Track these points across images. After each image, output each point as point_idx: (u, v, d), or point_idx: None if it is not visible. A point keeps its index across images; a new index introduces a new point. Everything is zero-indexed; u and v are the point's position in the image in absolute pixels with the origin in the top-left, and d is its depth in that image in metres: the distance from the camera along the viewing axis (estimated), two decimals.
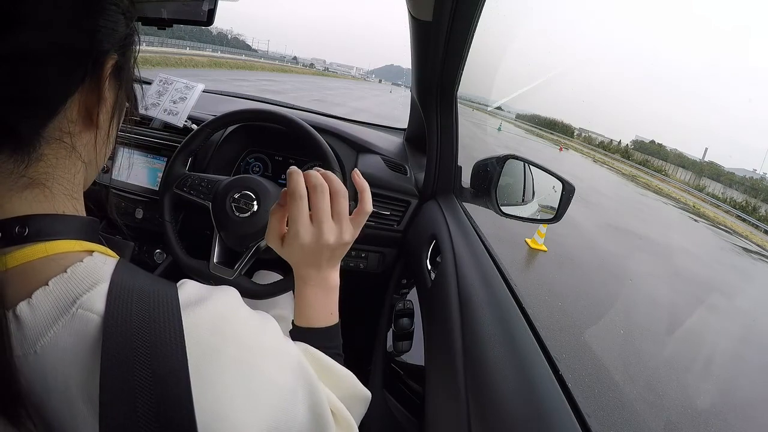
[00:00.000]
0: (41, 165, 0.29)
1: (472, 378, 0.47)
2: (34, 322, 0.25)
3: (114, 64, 0.32)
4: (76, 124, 0.31)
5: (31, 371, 0.25)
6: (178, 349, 0.26)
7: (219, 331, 0.28)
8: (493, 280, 0.60)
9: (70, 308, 0.26)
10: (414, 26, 0.78)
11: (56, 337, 0.25)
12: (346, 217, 0.43)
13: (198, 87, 1.00)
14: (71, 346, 0.25)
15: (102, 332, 0.25)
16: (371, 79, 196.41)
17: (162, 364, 0.25)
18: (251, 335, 0.31)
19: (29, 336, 0.25)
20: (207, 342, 0.27)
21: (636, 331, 3.43)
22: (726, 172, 63.30)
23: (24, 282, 0.26)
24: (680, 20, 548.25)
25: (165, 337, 0.26)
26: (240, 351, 0.29)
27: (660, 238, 8.62)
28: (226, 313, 0.30)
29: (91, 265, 0.28)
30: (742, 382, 3.29)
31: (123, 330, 0.25)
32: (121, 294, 0.27)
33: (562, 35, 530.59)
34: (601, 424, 1.65)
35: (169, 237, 0.80)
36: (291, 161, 1.04)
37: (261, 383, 0.29)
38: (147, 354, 0.25)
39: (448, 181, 0.97)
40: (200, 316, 0.28)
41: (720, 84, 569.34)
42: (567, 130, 79.18)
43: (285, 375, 0.32)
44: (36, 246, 0.28)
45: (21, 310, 0.25)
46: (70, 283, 0.27)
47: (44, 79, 0.28)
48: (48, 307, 0.26)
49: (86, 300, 0.26)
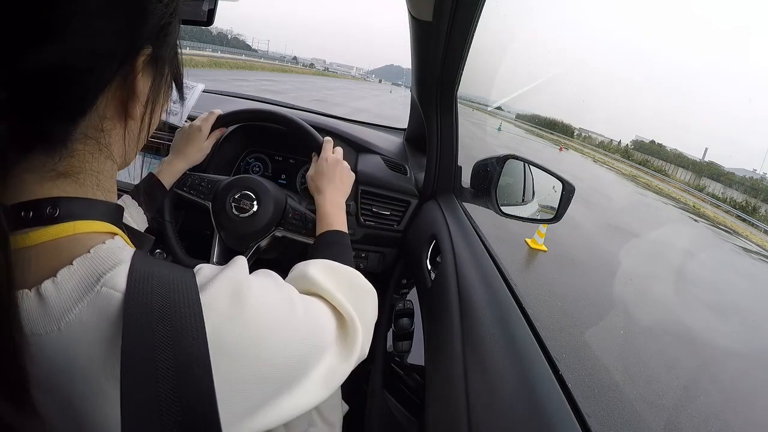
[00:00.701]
0: (73, 160, 0.30)
1: (472, 378, 0.47)
2: (59, 299, 0.26)
3: (149, 55, 0.31)
4: (109, 120, 0.31)
5: (54, 349, 0.25)
6: (199, 338, 0.26)
7: (235, 299, 0.30)
8: (493, 280, 0.60)
9: (94, 286, 0.26)
10: (414, 26, 0.78)
11: (80, 315, 0.26)
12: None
13: (198, 87, 1.00)
14: (94, 323, 0.26)
15: (123, 311, 0.25)
16: (371, 79, 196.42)
17: (184, 352, 0.25)
18: (262, 299, 0.33)
19: (53, 314, 0.25)
20: (224, 312, 0.29)
21: (636, 331, 3.43)
22: (726, 172, 63.31)
23: (49, 260, 0.27)
24: (680, 20, 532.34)
25: (186, 324, 0.26)
26: (258, 311, 0.32)
27: (660, 238, 8.63)
28: (239, 282, 0.32)
29: (113, 246, 0.29)
30: (742, 382, 3.29)
31: (144, 312, 0.26)
32: (141, 277, 0.28)
33: (562, 35, 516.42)
34: (601, 424, 1.65)
35: (169, 237, 0.80)
36: (291, 161, 1.04)
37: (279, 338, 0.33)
38: (169, 340, 0.25)
39: (448, 181, 0.97)
40: (215, 289, 0.30)
41: (720, 84, 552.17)
42: (567, 130, 79.19)
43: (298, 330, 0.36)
44: (65, 224, 0.28)
45: (45, 288, 0.26)
46: (93, 262, 0.27)
47: (77, 85, 0.28)
48: (73, 286, 0.26)
49: (110, 278, 0.27)
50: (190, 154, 0.77)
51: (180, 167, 0.76)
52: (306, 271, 0.46)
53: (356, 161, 1.00)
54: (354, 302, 0.45)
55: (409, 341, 0.79)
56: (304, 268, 0.47)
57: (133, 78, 0.31)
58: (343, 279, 0.49)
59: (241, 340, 0.30)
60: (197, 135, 0.78)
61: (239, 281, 0.31)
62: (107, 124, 0.31)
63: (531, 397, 0.39)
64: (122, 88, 0.31)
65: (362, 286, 0.51)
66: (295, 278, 0.47)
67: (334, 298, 0.43)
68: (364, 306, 0.49)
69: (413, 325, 0.80)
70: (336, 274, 0.49)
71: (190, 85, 1.00)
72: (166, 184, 0.73)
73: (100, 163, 0.32)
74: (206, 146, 0.80)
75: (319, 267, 0.48)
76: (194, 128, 0.79)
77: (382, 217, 0.97)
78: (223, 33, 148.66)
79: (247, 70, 39.29)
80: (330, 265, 0.50)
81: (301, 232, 0.77)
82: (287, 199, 0.78)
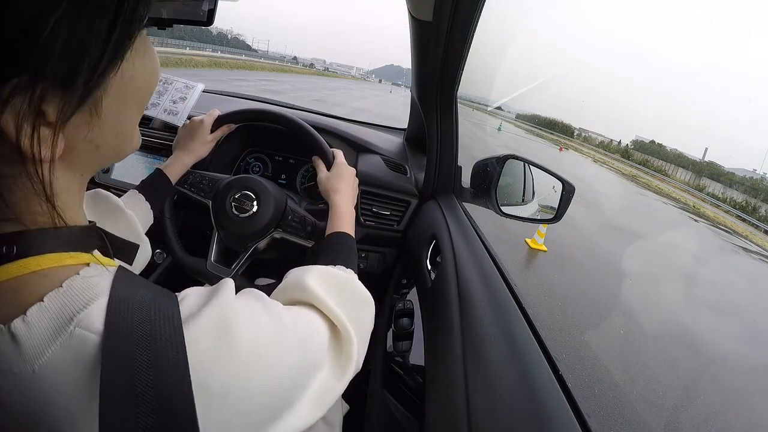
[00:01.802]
0: (8, 209, 0.26)
1: (472, 378, 0.47)
2: (30, 340, 0.24)
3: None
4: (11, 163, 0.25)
5: (29, 388, 0.24)
6: (180, 364, 0.25)
7: (222, 335, 0.29)
8: (493, 280, 0.60)
9: (67, 327, 0.25)
10: (414, 26, 0.78)
11: (54, 357, 0.24)
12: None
13: (198, 87, 1.00)
14: (70, 365, 0.24)
15: (101, 351, 0.24)
16: (371, 79, 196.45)
17: (164, 379, 0.25)
18: (251, 330, 0.31)
19: (26, 355, 0.24)
20: (210, 350, 0.28)
21: (636, 331, 3.43)
22: (726, 172, 63.30)
23: (17, 297, 0.25)
24: (680, 20, 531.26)
25: (167, 352, 0.25)
26: (246, 346, 0.30)
27: (660, 238, 8.62)
28: (225, 315, 0.30)
29: (88, 278, 0.27)
30: (742, 382, 3.29)
31: (123, 346, 0.25)
32: (121, 309, 0.26)
33: (562, 35, 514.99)
34: (601, 424, 1.64)
35: (168, 234, 0.80)
36: (291, 161, 1.04)
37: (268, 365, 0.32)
38: (148, 368, 0.25)
39: (448, 181, 0.97)
40: (200, 325, 0.28)
41: (720, 84, 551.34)
42: (567, 130, 79.19)
43: (291, 346, 0.35)
44: (27, 260, 0.26)
45: (16, 327, 0.24)
46: (65, 299, 0.25)
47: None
48: (44, 325, 0.25)
49: (83, 318, 0.25)
50: (194, 149, 0.78)
51: (187, 161, 0.77)
52: (302, 280, 0.44)
53: (356, 161, 1.00)
54: (350, 313, 0.44)
55: (409, 341, 0.79)
56: (301, 276, 0.45)
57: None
58: (341, 288, 0.48)
59: (228, 380, 0.28)
60: (200, 129, 0.79)
61: (226, 314, 0.29)
62: (13, 170, 0.25)
63: (531, 397, 0.39)
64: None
65: (360, 295, 0.50)
66: (291, 286, 0.45)
67: (329, 310, 0.42)
68: (361, 317, 0.48)
69: (413, 325, 0.80)
70: (333, 282, 0.47)
71: (190, 84, 1.00)
72: (173, 179, 0.74)
73: (52, 183, 0.27)
74: (211, 140, 0.81)
75: (316, 275, 0.46)
76: (196, 123, 0.79)
77: (382, 217, 0.97)
78: (223, 33, 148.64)
79: (247, 70, 39.28)
80: (328, 272, 0.48)
81: (300, 235, 0.77)
82: (287, 200, 0.78)
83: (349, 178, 0.74)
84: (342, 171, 0.74)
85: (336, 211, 0.68)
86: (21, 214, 0.26)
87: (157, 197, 0.71)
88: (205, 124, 0.79)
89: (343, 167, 0.75)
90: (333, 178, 0.73)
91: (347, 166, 0.76)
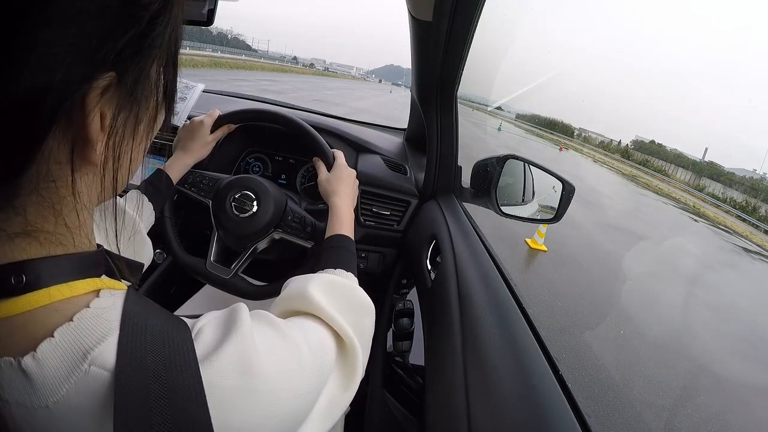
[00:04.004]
0: (24, 219, 0.25)
1: (472, 378, 0.47)
2: (43, 377, 0.23)
3: (107, 86, 0.24)
4: (64, 165, 0.25)
5: (44, 423, 0.24)
6: (198, 402, 0.25)
7: (244, 373, 0.28)
8: (493, 280, 0.60)
9: (81, 364, 0.24)
10: (414, 26, 0.78)
11: (69, 395, 0.24)
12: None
13: (198, 87, 1.00)
14: (85, 402, 0.24)
15: (114, 387, 0.24)
16: (371, 79, 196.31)
17: (180, 410, 0.25)
18: (272, 365, 0.31)
19: (40, 391, 0.24)
20: (232, 388, 0.28)
21: (636, 330, 3.43)
22: (726, 172, 63.28)
23: (27, 332, 0.24)
24: (680, 20, 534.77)
25: (183, 383, 0.25)
26: (268, 384, 0.30)
27: (660, 238, 8.62)
28: (245, 352, 0.29)
29: (99, 309, 0.26)
30: (742, 382, 3.29)
31: (137, 380, 0.25)
32: (133, 342, 0.26)
33: (562, 35, 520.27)
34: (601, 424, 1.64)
35: (167, 233, 0.80)
36: (291, 161, 1.04)
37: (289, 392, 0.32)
38: (164, 400, 0.24)
39: (448, 181, 0.97)
40: (221, 365, 0.28)
41: (720, 84, 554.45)
42: (567, 130, 79.18)
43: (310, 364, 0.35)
44: (36, 294, 0.25)
45: (26, 364, 0.23)
46: (77, 334, 0.25)
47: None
48: (56, 362, 0.24)
49: (98, 355, 0.24)
50: (195, 150, 0.78)
51: (187, 161, 0.77)
52: (305, 290, 0.44)
53: (356, 161, 1.00)
54: (354, 323, 0.44)
55: (409, 341, 0.79)
56: (304, 286, 0.45)
57: (82, 119, 0.24)
58: (344, 297, 0.48)
59: (249, 417, 0.28)
60: (200, 129, 0.79)
61: (246, 351, 0.29)
62: (63, 170, 0.25)
63: (531, 397, 0.39)
64: (72, 131, 0.24)
65: (362, 302, 0.50)
66: (294, 296, 0.45)
67: (334, 321, 0.42)
68: (363, 325, 0.49)
69: (413, 325, 0.80)
70: (336, 291, 0.47)
71: (190, 85, 1.00)
72: (174, 179, 0.74)
73: (63, 212, 0.26)
74: (211, 140, 0.81)
75: (319, 285, 0.46)
76: (197, 123, 0.79)
77: (382, 217, 0.97)
78: (223, 33, 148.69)
79: (247, 70, 39.26)
80: (330, 281, 0.48)
81: (300, 236, 0.77)
82: (287, 201, 0.78)
83: (349, 179, 0.75)
84: (342, 172, 0.75)
85: (336, 213, 0.68)
86: (34, 232, 0.25)
87: (159, 197, 0.71)
88: (206, 124, 0.79)
89: (343, 169, 0.76)
90: (333, 179, 0.73)
91: (347, 168, 0.76)
